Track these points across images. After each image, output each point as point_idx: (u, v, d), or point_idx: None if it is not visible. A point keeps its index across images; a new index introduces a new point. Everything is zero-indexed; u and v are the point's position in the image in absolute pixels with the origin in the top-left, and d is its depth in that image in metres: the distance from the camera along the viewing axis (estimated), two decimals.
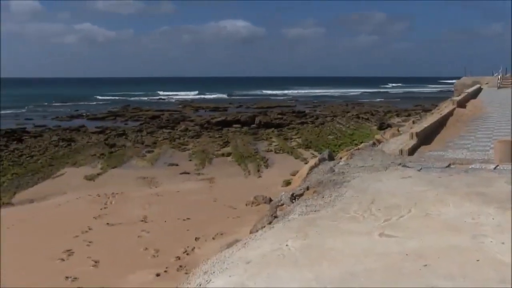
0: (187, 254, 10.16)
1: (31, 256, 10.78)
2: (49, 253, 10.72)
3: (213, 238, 11.13)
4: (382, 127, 37.95)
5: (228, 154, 30.80)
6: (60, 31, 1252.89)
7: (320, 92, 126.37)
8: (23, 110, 73.51)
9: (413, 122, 24.65)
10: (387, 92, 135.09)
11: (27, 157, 30.83)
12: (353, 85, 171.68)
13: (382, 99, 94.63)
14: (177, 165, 27.80)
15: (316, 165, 12.69)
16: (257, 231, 6.97)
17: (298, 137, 38.25)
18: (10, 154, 31.94)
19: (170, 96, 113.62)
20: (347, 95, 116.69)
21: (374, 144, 15.57)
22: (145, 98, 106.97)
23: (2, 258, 10.90)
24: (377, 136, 18.09)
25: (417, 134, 13.24)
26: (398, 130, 20.05)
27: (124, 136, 40.60)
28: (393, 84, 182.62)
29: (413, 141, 12.72)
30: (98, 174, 25.25)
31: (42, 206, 18.43)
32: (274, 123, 46.85)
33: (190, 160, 29.36)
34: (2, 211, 18.41)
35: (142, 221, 13.55)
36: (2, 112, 69.66)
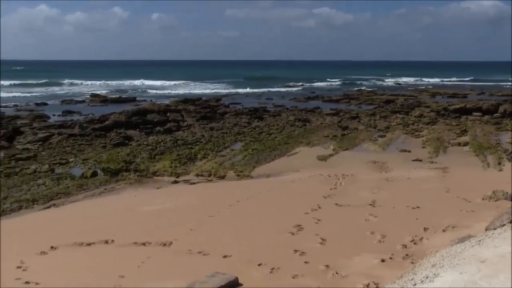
0: (415, 243, 9.79)
1: (264, 227, 11.53)
2: (281, 226, 11.33)
3: (443, 230, 10.54)
4: None
5: (465, 144, 29.08)
6: (300, 16, 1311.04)
7: None
8: (264, 90, 79.00)
9: None
10: None
11: (266, 135, 33.15)
12: None
13: None
14: (409, 151, 27.17)
15: None
16: (494, 229, 6.41)
17: None
18: (252, 131, 34.75)
19: (405, 81, 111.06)
20: None
21: None
22: (380, 82, 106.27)
23: (240, 226, 11.89)
24: None
25: None
26: None
27: (357, 119, 41.04)
28: None
29: None
30: (330, 155, 25.95)
31: (277, 181, 19.62)
32: None
33: (424, 147, 28.46)
34: (242, 183, 20.12)
35: (370, 205, 13.49)
36: (248, 91, 75.95)
